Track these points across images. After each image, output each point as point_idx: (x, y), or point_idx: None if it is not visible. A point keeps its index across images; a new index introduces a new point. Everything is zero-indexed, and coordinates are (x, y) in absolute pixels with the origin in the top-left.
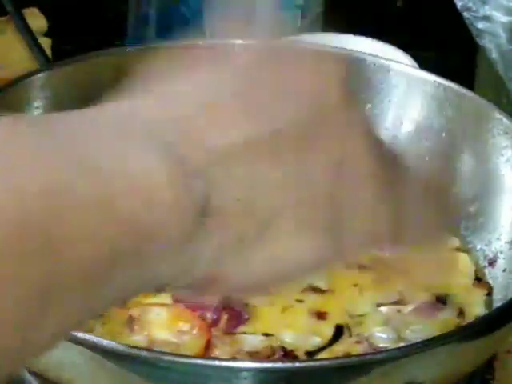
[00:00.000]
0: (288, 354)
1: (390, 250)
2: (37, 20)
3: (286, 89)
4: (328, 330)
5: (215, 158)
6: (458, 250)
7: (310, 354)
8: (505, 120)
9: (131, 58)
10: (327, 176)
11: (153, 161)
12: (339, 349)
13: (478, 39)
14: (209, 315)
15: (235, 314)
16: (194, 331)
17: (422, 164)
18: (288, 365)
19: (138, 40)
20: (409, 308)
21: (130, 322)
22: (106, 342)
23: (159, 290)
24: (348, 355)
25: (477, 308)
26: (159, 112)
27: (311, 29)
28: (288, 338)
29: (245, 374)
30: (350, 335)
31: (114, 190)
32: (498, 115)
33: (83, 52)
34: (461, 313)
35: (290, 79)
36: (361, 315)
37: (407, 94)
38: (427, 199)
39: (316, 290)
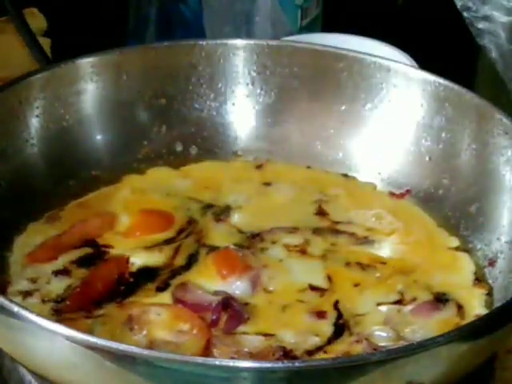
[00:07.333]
0: (288, 354)
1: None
2: (37, 20)
3: None
4: (328, 329)
5: None
6: (458, 249)
7: (310, 354)
8: (505, 120)
9: (131, 58)
10: None
11: None
12: (339, 348)
13: (478, 39)
14: (209, 315)
15: (235, 314)
16: (194, 331)
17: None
18: (288, 365)
19: (138, 40)
20: (409, 307)
21: (130, 321)
22: (106, 342)
23: (159, 289)
24: (348, 355)
25: (477, 308)
26: None
27: (311, 29)
28: (288, 338)
29: (245, 374)
30: (350, 334)
31: None
32: (498, 115)
33: (83, 52)
34: (460, 313)
35: None
36: (361, 314)
37: (407, 94)
38: None
39: (316, 289)
